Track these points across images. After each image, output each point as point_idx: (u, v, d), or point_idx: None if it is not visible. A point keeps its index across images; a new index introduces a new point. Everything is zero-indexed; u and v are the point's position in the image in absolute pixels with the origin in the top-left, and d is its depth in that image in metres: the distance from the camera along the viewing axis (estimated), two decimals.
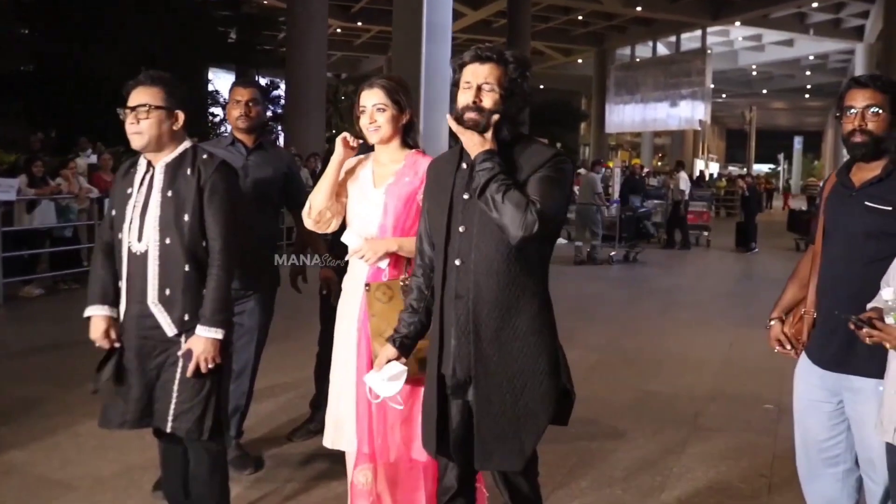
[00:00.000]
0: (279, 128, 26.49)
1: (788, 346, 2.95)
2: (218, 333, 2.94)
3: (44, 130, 18.81)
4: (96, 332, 3.08)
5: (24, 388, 4.37)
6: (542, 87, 45.86)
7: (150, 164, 3.05)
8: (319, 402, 4.39)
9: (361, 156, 3.26)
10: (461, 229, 2.55)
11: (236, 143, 4.18)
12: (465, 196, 2.56)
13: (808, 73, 45.08)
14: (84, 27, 17.52)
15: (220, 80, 28.97)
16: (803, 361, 2.88)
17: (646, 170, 27.05)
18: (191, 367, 2.93)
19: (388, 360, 2.70)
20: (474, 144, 2.47)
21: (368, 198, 3.13)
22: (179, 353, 2.96)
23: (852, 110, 2.67)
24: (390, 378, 2.70)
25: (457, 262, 2.56)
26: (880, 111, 2.63)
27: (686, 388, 6.05)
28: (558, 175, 2.50)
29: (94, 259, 3.20)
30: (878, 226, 2.61)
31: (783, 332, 2.97)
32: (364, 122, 3.09)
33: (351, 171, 3.24)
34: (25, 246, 9.49)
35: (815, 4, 31.02)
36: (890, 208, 2.59)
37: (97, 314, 3.08)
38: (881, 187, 2.64)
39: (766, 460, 4.55)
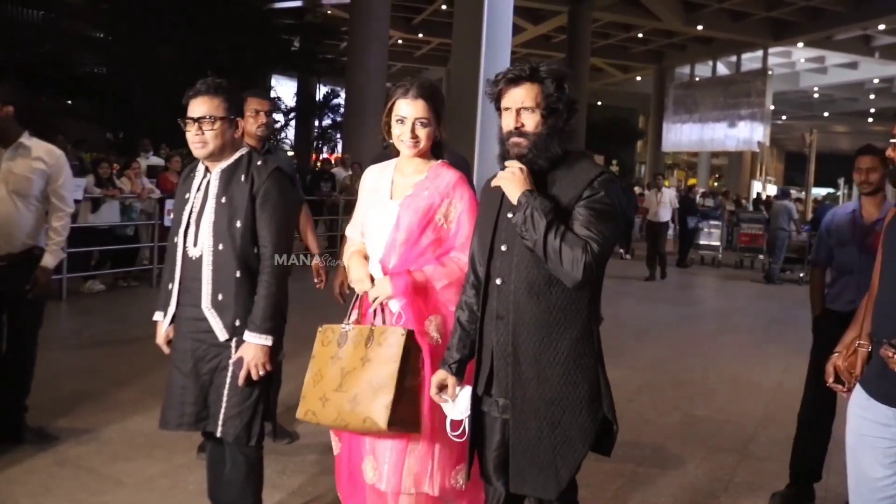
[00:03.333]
0: (338, 135, 26.76)
1: (840, 382, 2.86)
2: (267, 340, 2.96)
3: (113, 131, 19.31)
4: (161, 336, 3.20)
5: (80, 383, 4.48)
6: (599, 103, 45.61)
7: (207, 169, 3.10)
8: None
9: (386, 162, 3.16)
10: (503, 248, 2.53)
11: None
12: (510, 215, 2.51)
13: (872, 96, 44.06)
14: (153, 31, 17.93)
15: (282, 88, 29.43)
16: (858, 393, 2.77)
17: (701, 190, 26.72)
18: (242, 374, 2.96)
19: (453, 388, 2.65)
20: (514, 184, 2.44)
21: (383, 209, 3.03)
22: (231, 360, 2.99)
23: (893, 140, 2.62)
24: (461, 404, 2.65)
25: (498, 282, 2.53)
26: None
27: (737, 414, 5.94)
28: (608, 206, 2.44)
29: (165, 265, 3.25)
30: None
31: (837, 365, 2.88)
32: (401, 133, 2.93)
33: (370, 179, 3.17)
34: (90, 243, 9.71)
35: (881, 27, 30.29)
36: None
37: (159, 320, 3.20)
38: None
39: (819, 493, 4.44)
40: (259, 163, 3.07)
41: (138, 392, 5.36)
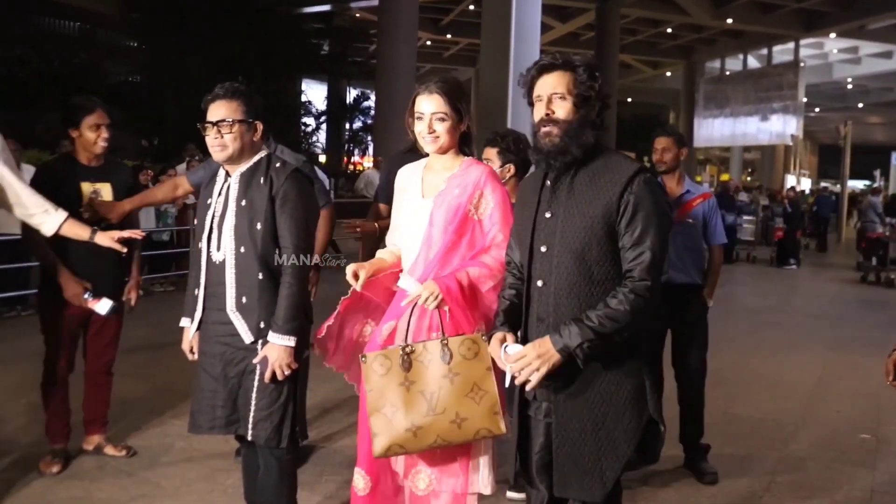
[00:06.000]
0: (369, 138, 26.90)
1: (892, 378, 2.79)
2: (290, 341, 2.97)
3: (148, 138, 19.60)
4: (187, 342, 3.24)
5: (117, 387, 4.53)
6: (629, 100, 45.33)
7: (227, 174, 3.12)
8: None
9: (415, 163, 3.13)
10: (543, 249, 2.48)
11: None
12: (548, 215, 2.48)
13: None
14: (184, 40, 18.15)
15: (313, 91, 29.65)
16: None
17: (735, 185, 26.46)
18: (267, 374, 2.97)
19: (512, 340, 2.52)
20: (548, 357, 2.36)
21: (415, 208, 2.98)
22: (255, 360, 3.01)
23: None
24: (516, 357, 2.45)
25: (539, 284, 2.49)
26: None
27: (775, 413, 5.86)
28: (653, 207, 2.39)
29: (190, 271, 3.27)
30: None
31: (889, 364, 2.82)
32: (421, 129, 2.91)
33: (401, 180, 3.14)
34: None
35: None
36: None
37: (187, 326, 3.23)
38: None
39: (864, 495, 4.33)
40: (278, 165, 3.09)
41: (176, 397, 5.40)
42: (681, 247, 4.43)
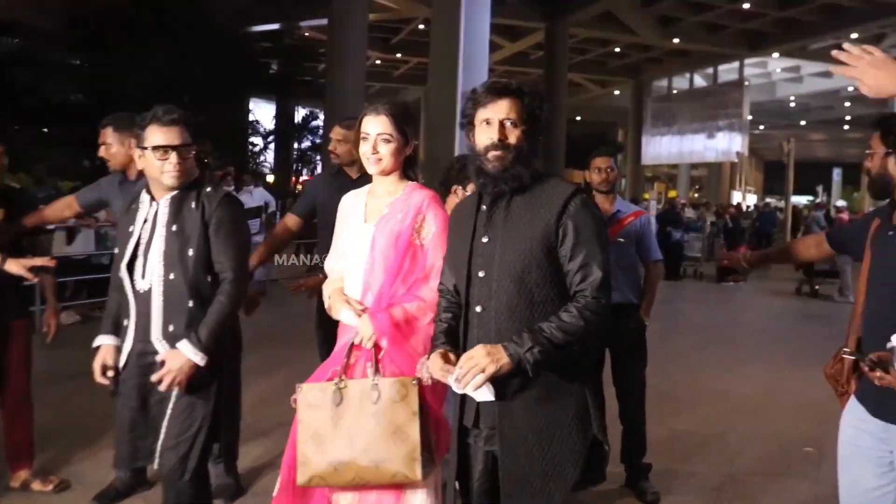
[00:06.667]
0: (318, 157, 26.74)
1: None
2: (200, 358, 2.88)
3: (90, 158, 19.18)
4: (101, 361, 3.05)
5: (50, 415, 4.38)
6: (578, 118, 45.80)
7: (152, 199, 3.03)
8: None
9: (360, 189, 3.10)
10: (481, 274, 2.46)
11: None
12: (485, 239, 2.47)
13: (847, 104, 44.44)
14: (129, 56, 17.87)
15: (261, 110, 29.43)
16: (855, 406, 2.75)
17: (682, 201, 26.84)
18: (155, 376, 2.87)
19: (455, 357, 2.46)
20: (497, 358, 2.30)
21: (357, 233, 2.94)
22: (174, 392, 2.91)
23: (867, 152, 2.74)
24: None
25: (477, 309, 2.47)
26: (874, 151, 2.69)
27: (722, 429, 5.89)
28: (594, 227, 2.41)
29: (109, 293, 3.18)
30: None
31: (825, 372, 2.91)
32: (365, 150, 2.87)
33: (345, 205, 3.10)
34: (65, 274, 9.56)
35: (854, 35, 30.64)
36: None
37: (106, 343, 3.08)
38: None
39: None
40: (209, 189, 3.04)
41: (107, 425, 5.24)
42: (614, 266, 4.40)
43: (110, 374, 3.03)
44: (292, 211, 4.63)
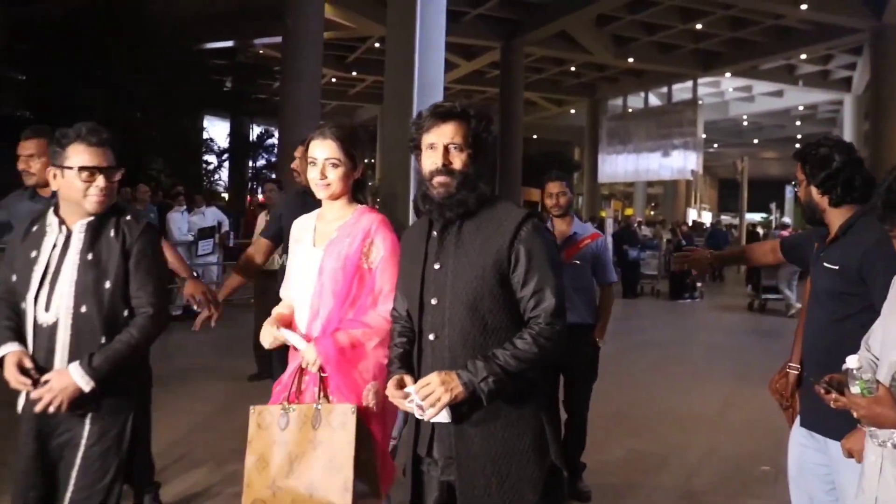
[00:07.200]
0: (273, 176, 26.49)
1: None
2: (88, 385, 2.60)
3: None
4: (8, 366, 2.66)
5: None
6: (535, 137, 46.10)
7: (62, 223, 2.76)
8: None
9: (309, 213, 3.04)
10: (433, 301, 2.41)
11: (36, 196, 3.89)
12: (437, 266, 2.41)
13: (798, 122, 45.40)
14: (77, 72, 17.54)
15: (215, 128, 29.12)
16: (797, 424, 2.84)
17: (638, 219, 27.07)
18: (35, 393, 2.59)
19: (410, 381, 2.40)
20: (452, 386, 2.26)
21: (306, 258, 2.89)
22: (84, 437, 2.67)
23: (793, 182, 3.01)
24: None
25: (431, 337, 2.41)
26: (799, 183, 2.86)
27: (679, 448, 5.85)
28: (546, 252, 2.37)
29: None
30: (831, 285, 2.71)
31: (771, 386, 3.09)
32: (313, 175, 2.82)
33: (295, 230, 3.04)
34: None
35: (803, 56, 31.32)
36: (837, 268, 2.67)
37: (10, 351, 2.68)
38: (835, 247, 2.74)
39: None
40: (128, 218, 2.82)
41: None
42: (569, 288, 4.39)
43: (30, 374, 2.65)
44: (262, 234, 4.42)
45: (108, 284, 2.71)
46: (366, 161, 3.00)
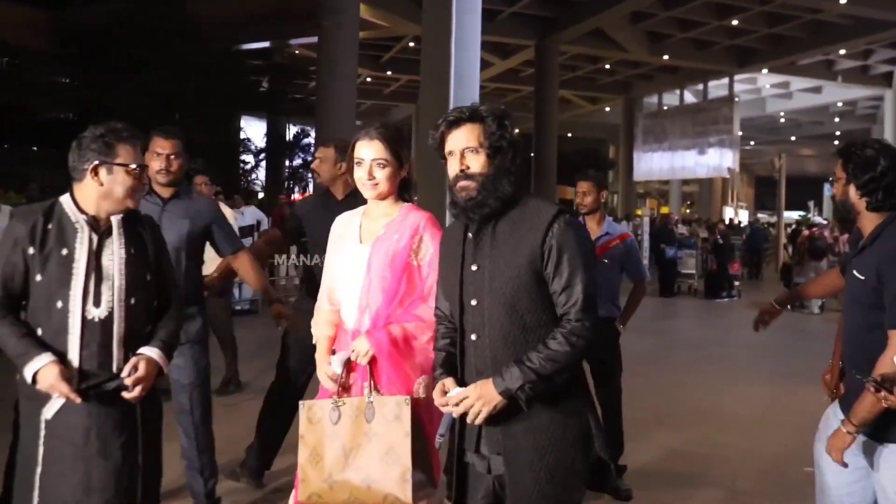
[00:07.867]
0: (309, 175, 26.67)
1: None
2: (165, 362, 2.79)
3: None
4: (54, 378, 2.56)
5: None
6: (569, 135, 45.93)
7: (94, 219, 2.75)
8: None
9: (353, 210, 3.08)
10: (473, 302, 2.44)
11: (152, 193, 3.95)
12: (474, 267, 2.44)
13: (836, 119, 44.78)
14: (119, 75, 17.82)
15: (252, 128, 29.40)
16: (836, 408, 2.86)
17: (675, 218, 26.85)
18: (129, 379, 2.65)
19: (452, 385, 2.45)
20: (488, 406, 2.33)
21: (352, 254, 2.92)
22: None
23: (831, 179, 2.92)
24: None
25: (473, 337, 2.45)
26: (838, 178, 2.82)
27: (721, 448, 5.82)
28: (578, 247, 2.39)
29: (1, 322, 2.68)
30: (859, 295, 2.71)
31: (824, 379, 3.20)
32: (360, 175, 2.86)
33: (339, 226, 3.08)
34: None
35: (842, 51, 30.87)
36: (863, 278, 2.66)
37: (48, 362, 2.58)
38: (865, 255, 2.73)
39: None
40: (143, 214, 2.97)
41: None
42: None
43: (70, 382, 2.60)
44: (280, 225, 4.62)
45: (149, 276, 2.82)
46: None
